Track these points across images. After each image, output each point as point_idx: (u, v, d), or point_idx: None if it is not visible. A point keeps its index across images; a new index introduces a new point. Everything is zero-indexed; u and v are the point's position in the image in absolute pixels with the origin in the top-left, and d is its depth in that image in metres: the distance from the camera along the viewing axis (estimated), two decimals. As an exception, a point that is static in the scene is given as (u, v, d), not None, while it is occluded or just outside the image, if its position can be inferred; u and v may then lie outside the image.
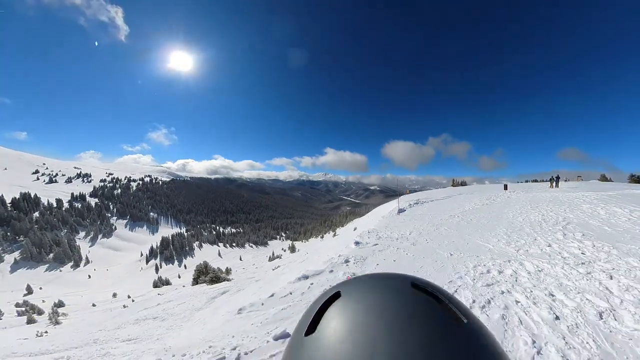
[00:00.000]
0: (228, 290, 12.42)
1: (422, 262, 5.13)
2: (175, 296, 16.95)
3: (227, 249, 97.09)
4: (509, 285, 3.75)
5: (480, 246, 5.85)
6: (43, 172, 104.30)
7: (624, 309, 2.98)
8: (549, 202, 11.22)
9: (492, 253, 5.27)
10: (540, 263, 4.45)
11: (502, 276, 4.08)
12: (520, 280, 3.90)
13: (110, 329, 10.06)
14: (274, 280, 6.93)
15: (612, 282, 3.60)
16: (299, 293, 4.07)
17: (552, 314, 2.97)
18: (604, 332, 2.61)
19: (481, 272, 4.31)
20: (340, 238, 17.32)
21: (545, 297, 3.35)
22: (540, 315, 2.96)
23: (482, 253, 5.34)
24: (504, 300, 3.32)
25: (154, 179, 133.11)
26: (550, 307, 3.09)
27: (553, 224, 7.24)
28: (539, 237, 5.98)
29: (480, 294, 3.53)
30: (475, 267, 4.53)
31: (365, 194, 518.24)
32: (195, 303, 10.96)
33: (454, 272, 4.39)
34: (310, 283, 4.38)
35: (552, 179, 20.82)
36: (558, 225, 7.03)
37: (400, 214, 12.27)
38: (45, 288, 62.35)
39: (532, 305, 3.17)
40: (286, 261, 21.12)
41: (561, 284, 3.67)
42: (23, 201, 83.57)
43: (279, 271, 12.04)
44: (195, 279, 23.60)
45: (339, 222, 77.94)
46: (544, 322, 2.82)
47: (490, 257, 5.02)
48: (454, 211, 11.45)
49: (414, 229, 8.44)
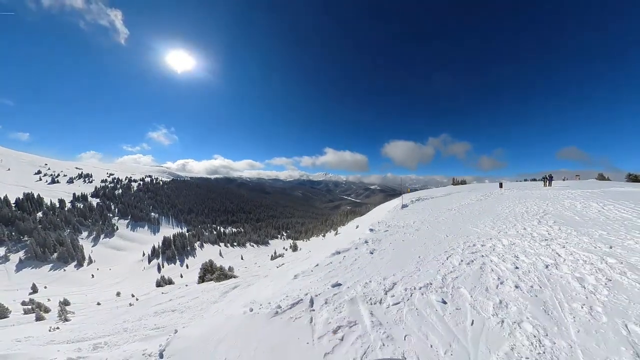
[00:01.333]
0: (239, 285, 12.84)
1: (424, 241, 6.52)
2: (185, 292, 17.57)
3: (228, 249, 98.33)
4: (487, 252, 5.15)
5: (470, 230, 7.24)
6: (45, 173, 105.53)
7: (564, 263, 4.38)
8: (536, 199, 12.59)
9: (479, 234, 6.67)
10: (514, 240, 5.86)
11: (483, 247, 5.48)
12: (496, 249, 5.30)
13: (134, 320, 10.29)
14: (311, 258, 8.21)
15: (562, 250, 4.99)
16: (337, 262, 5.51)
17: (514, 266, 4.37)
18: (545, 275, 4.01)
19: (469, 245, 5.71)
20: (343, 235, 18.59)
21: (512, 258, 4.75)
22: (505, 266, 4.36)
23: (471, 235, 6.74)
24: (482, 260, 4.72)
25: (154, 179, 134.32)
26: (513, 263, 4.49)
27: (533, 214, 8.63)
28: (518, 224, 7.38)
29: (466, 257, 4.94)
30: (465, 243, 5.93)
31: (366, 194, 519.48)
32: (209, 297, 11.20)
33: (448, 247, 5.78)
34: (342, 256, 5.87)
35: (545, 178, 21.98)
36: (537, 215, 8.42)
37: (403, 209, 13.65)
38: (50, 287, 63.41)
39: (501, 262, 4.57)
40: (290, 259, 22.04)
41: (525, 251, 5.07)
42: (27, 201, 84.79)
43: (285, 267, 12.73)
44: (201, 277, 24.72)
45: (340, 221, 79.25)
46: (507, 270, 4.22)
47: (477, 237, 6.42)
48: (452, 206, 12.83)
49: (417, 220, 9.86)
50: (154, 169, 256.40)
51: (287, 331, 3.07)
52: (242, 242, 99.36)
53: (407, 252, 5.81)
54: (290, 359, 2.61)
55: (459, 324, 2.98)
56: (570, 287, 3.57)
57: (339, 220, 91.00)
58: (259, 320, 3.35)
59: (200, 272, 25.79)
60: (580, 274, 3.89)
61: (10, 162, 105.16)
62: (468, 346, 2.60)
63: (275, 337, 2.97)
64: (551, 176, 21.76)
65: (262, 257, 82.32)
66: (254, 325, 3.30)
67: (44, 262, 74.80)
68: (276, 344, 2.86)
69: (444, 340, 2.72)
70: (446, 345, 2.65)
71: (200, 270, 26.05)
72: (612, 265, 4.09)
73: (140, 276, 75.35)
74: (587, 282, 3.66)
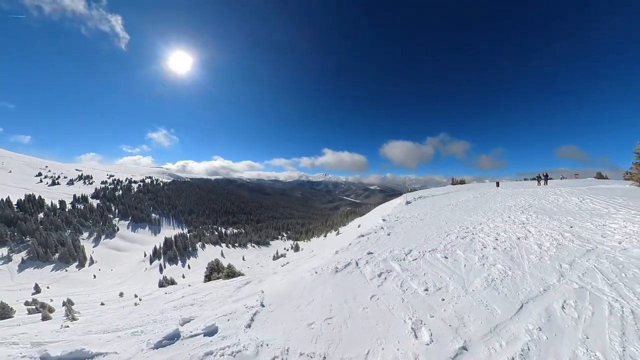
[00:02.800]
0: (250, 281, 13.76)
1: (428, 226, 8.31)
2: (196, 290, 18.13)
3: (229, 249, 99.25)
4: (477, 232, 6.96)
5: (465, 219, 9.04)
6: (46, 175, 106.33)
7: (532, 236, 6.15)
8: (527, 195, 14.38)
9: (472, 222, 8.48)
10: (499, 224, 7.67)
11: (474, 229, 7.30)
12: (484, 230, 7.10)
13: (156, 314, 10.31)
14: (316, 256, 9.94)
15: (533, 229, 6.76)
16: (364, 241, 7.44)
17: (495, 238, 6.16)
18: (516, 243, 5.79)
19: (463, 228, 7.55)
20: (346, 235, 20.08)
21: (494, 234, 6.54)
22: (489, 239, 6.17)
23: (465, 222, 8.55)
24: (472, 236, 6.52)
25: (154, 180, 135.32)
26: (495, 237, 6.26)
27: (519, 207, 10.44)
28: (504, 214, 9.19)
29: (460, 234, 6.80)
30: (460, 227, 7.76)
31: (365, 194, 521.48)
32: (223, 292, 11.40)
33: (447, 229, 7.56)
34: (366, 238, 7.79)
35: (539, 177, 23.21)
36: (522, 208, 10.27)
37: (407, 205, 15.44)
38: (52, 287, 63.99)
39: (486, 236, 6.35)
40: (294, 258, 23.01)
41: (505, 230, 6.85)
42: (28, 202, 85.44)
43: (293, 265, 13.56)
44: (207, 276, 25.93)
45: (341, 222, 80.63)
46: (490, 240, 6.03)
47: (470, 223, 8.23)
48: (450, 202, 14.64)
49: (421, 212, 11.71)
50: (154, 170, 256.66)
51: (348, 279, 4.79)
52: (243, 242, 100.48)
53: (416, 233, 7.61)
54: (357, 291, 4.28)
55: (456, 267, 4.72)
56: (532, 248, 5.33)
57: (339, 220, 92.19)
58: (325, 276, 5.04)
59: (207, 271, 27.07)
60: (540, 242, 5.66)
61: (11, 164, 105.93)
62: (462, 275, 4.34)
63: (341, 283, 4.68)
64: (546, 175, 22.61)
65: (263, 257, 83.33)
66: (322, 279, 4.98)
67: (46, 263, 75.40)
68: (344, 285, 4.55)
69: (448, 274, 4.47)
70: (449, 276, 4.40)
71: (207, 270, 27.33)
72: (566, 237, 5.83)
73: (142, 277, 76.16)
74: (544, 245, 5.42)
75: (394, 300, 3.81)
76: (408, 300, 3.76)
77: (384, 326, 3.20)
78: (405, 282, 4.34)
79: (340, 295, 4.17)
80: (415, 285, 4.20)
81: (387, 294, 4.00)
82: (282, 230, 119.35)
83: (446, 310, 3.41)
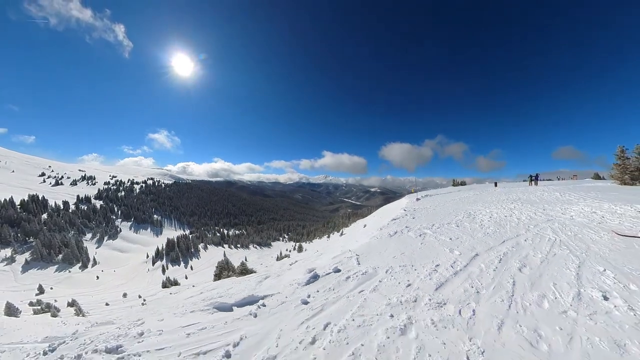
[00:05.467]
0: (269, 275, 15.25)
1: (440, 213, 11.37)
2: (216, 285, 19.44)
3: (232, 250, 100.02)
4: (476, 214, 9.58)
5: (467, 209, 12.04)
6: (49, 175, 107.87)
7: (515, 216, 7.94)
8: (519, 192, 17.10)
9: (473, 209, 11.44)
10: (492, 210, 9.97)
11: (474, 213, 9.78)
12: (481, 213, 9.78)
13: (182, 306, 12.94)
14: (324, 255, 11.21)
15: (517, 212, 8.74)
16: (397, 221, 10.45)
17: (489, 217, 7.79)
18: (503, 219, 8.33)
19: (467, 213, 10.54)
20: (352, 234, 21.26)
21: (489, 215, 8.96)
22: (485, 217, 8.33)
23: (468, 209, 11.63)
24: (473, 216, 8.97)
25: (156, 182, 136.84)
26: (489, 217, 8.41)
27: (510, 200, 13.55)
28: (498, 204, 12.27)
29: (465, 215, 9.59)
30: (464, 213, 10.79)
31: (366, 196, 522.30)
32: (244, 286, 13.53)
33: (455, 215, 10.42)
34: (397, 220, 10.69)
35: (530, 177, 25.73)
36: (512, 200, 13.40)
37: (418, 201, 18.24)
38: (56, 288, 64.81)
39: (483, 216, 9.24)
40: (300, 257, 23.84)
41: (497, 213, 9.27)
42: (31, 203, 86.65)
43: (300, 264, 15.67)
44: (217, 275, 26.70)
45: (343, 223, 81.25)
46: (485, 218, 8.14)
47: (472, 210, 10.97)
48: (454, 198, 17.53)
49: (431, 205, 14.60)
50: (155, 171, 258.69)
51: (401, 238, 7.58)
52: (245, 244, 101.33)
53: (433, 216, 10.55)
54: (410, 243, 6.88)
55: (465, 229, 7.75)
56: (513, 220, 8.37)
57: (341, 222, 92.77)
58: (385, 239, 7.77)
59: (216, 270, 27.89)
60: (519, 217, 8.75)
61: (15, 164, 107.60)
62: (469, 232, 7.45)
63: (398, 240, 7.40)
64: (537, 175, 25.51)
65: (266, 258, 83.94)
66: (384, 240, 7.69)
67: (50, 264, 76.25)
68: (401, 241, 7.24)
69: (461, 232, 7.42)
70: (462, 233, 7.34)
71: (216, 269, 28.17)
72: (537, 214, 8.53)
73: (145, 278, 76.97)
74: (521, 219, 8.46)
75: (433, 243, 6.67)
76: (441, 243, 6.60)
77: (433, 252, 5.96)
78: (437, 236, 7.25)
79: (401, 245, 6.90)
80: (443, 237, 7.12)
81: (428, 242, 6.86)
82: (283, 231, 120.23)
83: (463, 244, 6.29)
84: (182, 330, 3.37)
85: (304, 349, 2.38)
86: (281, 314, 3.26)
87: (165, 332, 3.39)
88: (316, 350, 2.32)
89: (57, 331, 4.64)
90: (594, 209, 8.62)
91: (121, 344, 3.39)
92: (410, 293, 3.64)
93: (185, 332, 3.27)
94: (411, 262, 5.34)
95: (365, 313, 3.07)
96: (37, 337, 4.31)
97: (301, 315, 3.12)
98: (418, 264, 5.10)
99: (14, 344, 4.13)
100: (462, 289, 3.57)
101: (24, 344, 4.07)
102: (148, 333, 3.48)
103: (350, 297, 3.59)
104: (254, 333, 2.86)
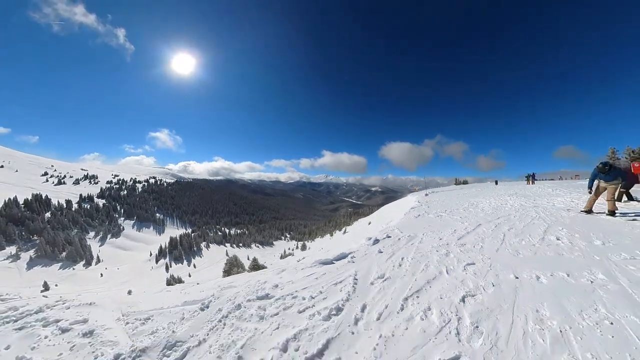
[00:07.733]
0: (285, 269, 17.36)
1: (449, 204, 13.91)
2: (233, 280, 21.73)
3: (234, 249, 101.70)
4: (478, 204, 12.17)
5: (471, 201, 14.66)
6: (52, 174, 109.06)
7: (508, 204, 11.17)
8: (516, 188, 19.89)
9: (475, 200, 13.92)
10: (491, 201, 12.81)
11: (476, 203, 12.27)
12: (482, 203, 12.51)
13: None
14: (332, 250, 13.52)
15: (511, 202, 11.67)
16: (417, 209, 13.09)
17: (488, 204, 11.12)
18: (499, 206, 11.00)
19: (470, 203, 13.03)
20: (357, 233, 23.62)
21: (488, 204, 11.77)
22: (485, 206, 11.24)
23: (471, 201, 13.93)
24: (476, 205, 11.31)
25: (158, 181, 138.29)
26: (489, 204, 11.94)
27: (507, 194, 16.32)
28: (496, 197, 14.87)
29: (469, 205, 12.17)
30: (468, 203, 13.32)
31: (367, 195, 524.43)
32: (264, 278, 15.92)
33: (461, 204, 12.95)
34: (416, 209, 13.42)
35: (527, 177, 28.45)
36: (509, 194, 16.03)
37: (426, 196, 20.73)
38: (61, 285, 66.24)
39: (484, 205, 11.14)
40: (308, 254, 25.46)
41: (495, 201, 11.77)
42: (35, 202, 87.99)
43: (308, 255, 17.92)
44: (226, 271, 28.42)
45: (344, 222, 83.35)
46: (485, 206, 11.18)
47: (474, 201, 12.99)
48: (458, 193, 20.15)
49: (439, 199, 17.21)
50: (156, 170, 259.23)
51: (425, 218, 10.17)
52: (247, 243, 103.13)
53: (443, 206, 13.07)
54: (431, 221, 9.37)
55: (470, 212, 10.30)
56: (507, 206, 10.86)
57: (342, 221, 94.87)
58: (412, 219, 10.35)
59: (226, 266, 29.68)
60: (512, 205, 11.19)
61: (18, 164, 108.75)
62: (473, 214, 9.80)
63: (422, 219, 10.00)
64: (534, 175, 28.16)
65: (268, 257, 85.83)
66: (411, 219, 10.30)
67: (54, 261, 77.65)
68: (425, 220, 9.77)
69: (467, 215, 9.95)
70: (468, 214, 9.96)
71: (226, 265, 29.97)
72: (527, 203, 10.98)
73: (148, 275, 78.64)
74: (514, 206, 10.98)
75: (449, 220, 9.05)
76: (454, 220, 8.96)
77: (451, 224, 8.25)
78: (451, 216, 9.73)
79: (426, 222, 9.14)
80: (455, 217, 9.56)
81: (445, 219, 9.23)
82: (284, 231, 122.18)
83: (470, 220, 8.63)
84: (308, 278, 4.54)
85: (398, 268, 4.44)
86: (369, 259, 5.19)
87: (296, 281, 4.41)
88: (404, 268, 4.39)
89: (193, 297, 5.05)
90: (574, 199, 10.88)
91: (267, 293, 3.94)
92: (443, 241, 6.00)
93: (312, 277, 4.48)
94: (437, 229, 7.65)
95: (422, 251, 5.27)
96: (177, 302, 4.71)
97: (383, 257, 5.14)
98: (442, 231, 7.36)
99: (158, 310, 4.35)
100: (473, 238, 5.87)
101: (170, 308, 4.34)
102: (281, 285, 4.24)
103: (408, 246, 5.80)
104: (361, 269, 4.62)
